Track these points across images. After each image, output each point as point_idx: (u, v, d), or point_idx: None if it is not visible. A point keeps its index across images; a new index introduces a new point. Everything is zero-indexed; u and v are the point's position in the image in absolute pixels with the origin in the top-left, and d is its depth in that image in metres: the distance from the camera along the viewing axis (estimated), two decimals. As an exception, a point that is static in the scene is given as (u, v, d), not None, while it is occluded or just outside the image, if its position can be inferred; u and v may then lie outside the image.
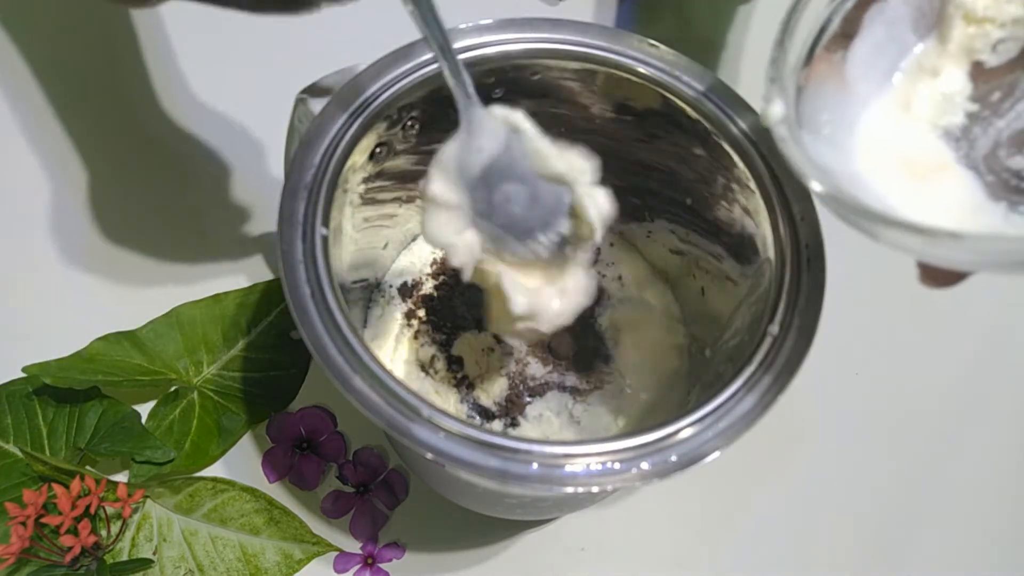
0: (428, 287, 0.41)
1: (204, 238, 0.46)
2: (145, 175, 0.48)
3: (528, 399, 0.38)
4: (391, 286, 0.40)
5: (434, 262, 0.41)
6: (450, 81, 0.26)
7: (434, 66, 0.31)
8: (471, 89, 0.26)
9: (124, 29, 0.51)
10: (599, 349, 0.39)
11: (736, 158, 0.31)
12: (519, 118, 0.26)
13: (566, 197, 0.27)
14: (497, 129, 0.26)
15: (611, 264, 0.41)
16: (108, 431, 0.39)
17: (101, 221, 0.46)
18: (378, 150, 0.32)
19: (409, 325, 0.39)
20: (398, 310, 0.40)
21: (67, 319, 0.43)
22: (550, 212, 0.27)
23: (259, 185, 0.47)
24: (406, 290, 0.40)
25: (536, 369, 0.38)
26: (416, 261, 0.41)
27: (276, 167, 0.46)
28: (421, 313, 0.40)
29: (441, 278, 0.41)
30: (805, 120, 0.26)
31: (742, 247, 0.32)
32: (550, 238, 0.27)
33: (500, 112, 0.26)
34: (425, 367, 0.38)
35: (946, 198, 0.25)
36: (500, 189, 0.26)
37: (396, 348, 0.39)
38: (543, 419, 0.37)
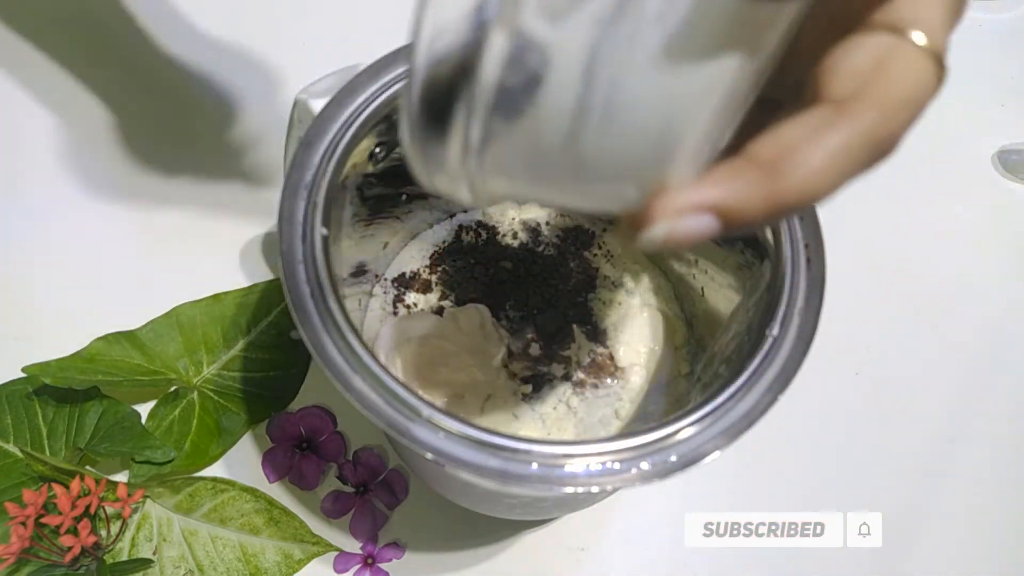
0: (425, 276, 0.41)
1: (204, 237, 0.46)
2: (144, 177, 0.48)
3: (525, 388, 0.38)
4: (390, 285, 0.40)
5: (433, 255, 0.41)
6: None
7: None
8: None
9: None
10: (598, 343, 0.39)
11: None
12: None
13: None
14: None
15: (612, 261, 0.41)
16: (108, 431, 0.39)
17: (100, 221, 0.46)
18: (378, 150, 0.32)
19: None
20: (397, 307, 0.40)
21: (67, 319, 0.43)
22: None
23: (259, 185, 0.47)
24: (404, 285, 0.40)
25: (535, 359, 0.38)
26: (415, 261, 0.41)
27: (276, 167, 0.46)
28: (419, 308, 0.40)
29: (440, 270, 0.41)
30: None
31: (742, 248, 0.32)
32: None
33: None
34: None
35: None
36: None
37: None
38: (540, 408, 0.37)
